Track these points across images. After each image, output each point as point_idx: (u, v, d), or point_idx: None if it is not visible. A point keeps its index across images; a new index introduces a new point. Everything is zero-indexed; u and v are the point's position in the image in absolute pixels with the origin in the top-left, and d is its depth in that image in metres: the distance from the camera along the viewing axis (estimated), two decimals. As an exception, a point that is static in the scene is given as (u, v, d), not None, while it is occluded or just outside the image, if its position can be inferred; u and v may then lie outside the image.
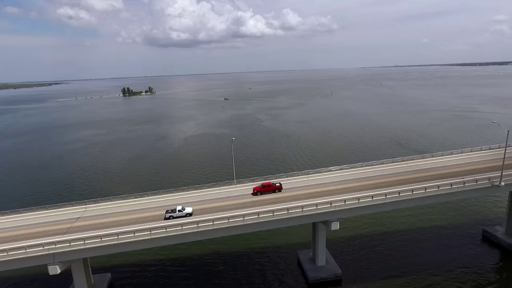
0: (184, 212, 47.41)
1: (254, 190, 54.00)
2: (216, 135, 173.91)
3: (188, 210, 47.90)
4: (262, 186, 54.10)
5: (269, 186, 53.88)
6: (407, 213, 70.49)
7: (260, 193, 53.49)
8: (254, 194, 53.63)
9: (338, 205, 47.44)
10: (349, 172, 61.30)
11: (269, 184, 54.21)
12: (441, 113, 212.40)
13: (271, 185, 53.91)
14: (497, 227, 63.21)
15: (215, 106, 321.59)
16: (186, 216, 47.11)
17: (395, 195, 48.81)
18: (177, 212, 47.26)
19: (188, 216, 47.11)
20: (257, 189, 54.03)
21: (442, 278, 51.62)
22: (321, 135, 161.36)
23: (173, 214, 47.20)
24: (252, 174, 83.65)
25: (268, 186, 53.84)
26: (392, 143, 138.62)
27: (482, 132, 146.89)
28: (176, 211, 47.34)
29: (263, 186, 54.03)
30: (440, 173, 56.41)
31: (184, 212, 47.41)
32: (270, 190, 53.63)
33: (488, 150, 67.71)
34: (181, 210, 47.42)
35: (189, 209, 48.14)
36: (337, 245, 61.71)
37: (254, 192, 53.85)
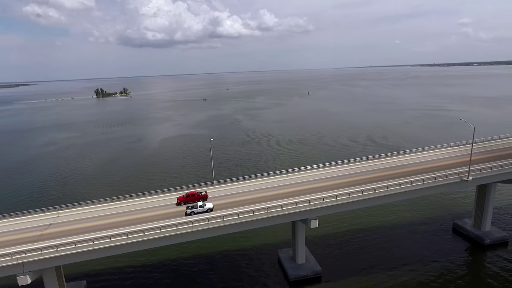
0: (205, 207, 48.01)
1: (178, 200, 51.11)
2: (194, 136, 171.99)
3: (209, 206, 48.52)
4: (186, 195, 51.14)
5: (193, 195, 51.04)
6: (383, 209, 72.59)
7: (183, 203, 50.57)
8: (178, 204, 50.84)
9: (316, 204, 48.11)
10: (327, 170, 62.31)
11: (194, 193, 51.40)
12: (413, 112, 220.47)
13: (196, 194, 51.16)
14: (466, 219, 66.35)
15: (193, 107, 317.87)
16: (207, 211, 47.71)
17: (371, 192, 50.08)
18: (198, 208, 47.77)
19: (209, 212, 47.65)
20: (180, 198, 51.16)
21: (417, 270, 53.55)
22: (299, 135, 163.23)
23: (194, 210, 47.66)
24: (232, 174, 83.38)
25: (192, 196, 50.99)
26: (368, 141, 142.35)
27: (451, 129, 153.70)
28: (198, 206, 47.84)
29: (187, 195, 51.07)
30: (413, 170, 58.46)
31: (205, 207, 48.01)
32: (194, 199, 50.79)
33: (457, 146, 70.89)
34: (202, 206, 48.02)
35: (209, 205, 48.75)
36: (316, 243, 62.63)
37: (177, 202, 50.97)
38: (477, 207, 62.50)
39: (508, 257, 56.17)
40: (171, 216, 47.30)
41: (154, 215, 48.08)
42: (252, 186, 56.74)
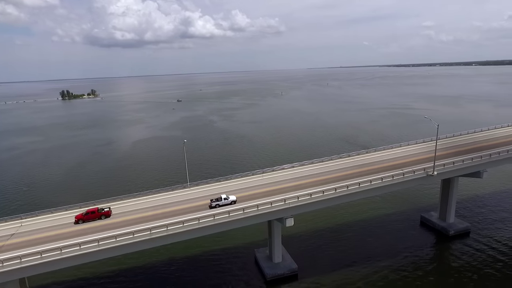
0: (229, 199, 49.28)
1: (76, 219, 46.64)
2: (167, 138, 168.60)
3: (233, 198, 49.86)
4: (86, 213, 46.93)
5: (93, 212, 47.02)
6: (356, 205, 74.53)
7: (82, 221, 46.25)
8: (76, 223, 46.35)
9: (292, 202, 48.71)
10: (301, 169, 63.26)
11: (94, 210, 47.37)
12: (382, 111, 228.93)
13: (96, 212, 47.14)
14: (432, 212, 69.74)
15: (165, 108, 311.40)
16: (231, 203, 48.91)
17: (344, 189, 51.44)
18: (223, 200, 49.01)
19: (233, 204, 48.85)
20: (79, 217, 46.72)
21: (389, 264, 55.54)
22: (273, 134, 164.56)
23: (219, 202, 48.76)
24: (207, 175, 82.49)
25: (92, 213, 46.93)
26: (340, 140, 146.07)
27: (417, 127, 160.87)
28: (222, 199, 49.03)
29: (87, 213, 46.94)
30: (383, 166, 60.65)
31: (229, 199, 49.28)
32: (94, 217, 46.85)
33: (423, 143, 74.37)
34: (226, 198, 49.28)
35: (233, 197, 50.09)
36: (293, 241, 63.35)
37: (75, 221, 46.49)
38: (442, 200, 65.90)
39: (470, 246, 59.65)
40: (147, 220, 46.03)
41: (127, 220, 46.61)
42: (227, 187, 56.47)
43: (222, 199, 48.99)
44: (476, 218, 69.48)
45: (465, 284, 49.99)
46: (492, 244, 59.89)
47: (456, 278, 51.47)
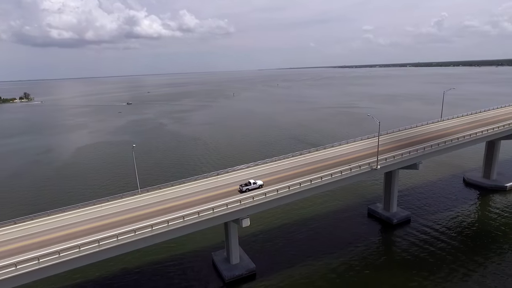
0: (257, 184, 53.13)
1: None
2: (114, 143, 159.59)
3: (260, 182, 53.65)
4: None
5: None
6: (308, 201, 77.29)
7: None
8: None
9: (247, 202, 48.97)
10: (255, 169, 63.84)
11: None
12: (330, 110, 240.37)
13: None
14: (377, 204, 74.84)
15: (111, 112, 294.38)
16: (259, 187, 52.79)
17: (297, 186, 53.02)
18: (252, 184, 52.68)
19: (260, 188, 52.70)
20: None
21: (342, 255, 58.45)
22: (227, 136, 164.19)
23: (249, 187, 52.30)
24: (159, 180, 79.65)
25: None
26: (292, 138, 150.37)
27: (362, 124, 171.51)
28: (251, 183, 52.80)
29: None
30: (332, 163, 63.63)
31: (257, 184, 53.13)
32: None
33: (367, 139, 79.38)
34: (255, 183, 53.20)
35: (260, 182, 53.86)
36: (250, 241, 63.85)
37: None
38: (385, 192, 71.08)
39: (411, 232, 65.17)
40: (94, 232, 43.08)
41: (71, 233, 43.21)
42: (182, 191, 55.05)
43: (251, 184, 52.92)
44: (415, 206, 76.04)
45: (408, 266, 54.41)
46: (429, 229, 66.03)
47: (400, 262, 55.83)
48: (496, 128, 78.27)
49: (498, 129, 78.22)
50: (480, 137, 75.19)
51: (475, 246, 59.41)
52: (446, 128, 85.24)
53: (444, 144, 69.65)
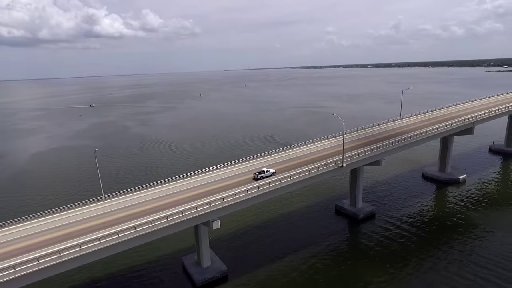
0: (270, 172, 57.70)
1: None
2: (75, 148, 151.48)
3: (272, 171, 58.28)
4: None
5: None
6: (278, 200, 78.20)
7: None
8: None
9: (217, 204, 48.60)
10: (225, 170, 63.57)
11: None
12: (297, 109, 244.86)
13: None
14: (344, 200, 77.38)
15: (70, 115, 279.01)
16: (271, 175, 57.39)
17: (267, 186, 53.48)
18: (265, 172, 57.16)
19: (273, 175, 57.19)
20: None
21: (312, 252, 59.64)
22: (195, 137, 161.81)
23: (263, 175, 56.72)
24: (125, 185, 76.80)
25: None
26: (260, 138, 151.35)
27: (328, 123, 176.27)
28: (264, 171, 57.25)
29: None
30: (301, 161, 64.93)
31: (270, 172, 57.70)
32: None
33: (333, 138, 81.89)
34: (268, 171, 57.77)
35: (272, 170, 58.53)
36: (221, 243, 63.39)
37: None
38: (351, 188, 73.67)
39: (376, 226, 68.08)
40: (56, 242, 40.55)
41: (29, 245, 40.40)
42: (149, 196, 53.52)
43: (264, 172, 57.25)
44: (379, 201, 79.54)
45: (375, 259, 56.77)
46: (393, 222, 69.36)
47: (367, 256, 58.09)
48: (449, 125, 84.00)
49: (451, 126, 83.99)
50: (436, 133, 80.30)
51: (435, 235, 63.29)
52: (405, 125, 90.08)
53: (404, 141, 73.58)
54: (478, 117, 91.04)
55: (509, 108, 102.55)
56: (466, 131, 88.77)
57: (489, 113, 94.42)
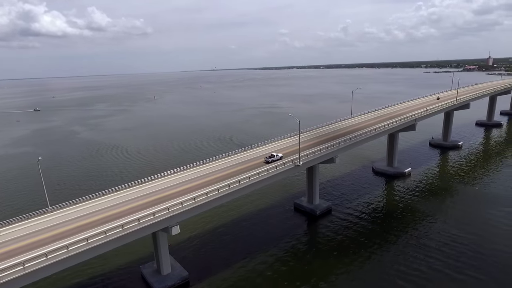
0: (278, 156, 65.21)
1: None
2: (14, 157, 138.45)
3: (280, 155, 65.91)
4: None
5: None
6: (238, 201, 78.20)
7: None
8: None
9: (176, 209, 47.39)
10: (183, 174, 62.23)
11: None
12: (254, 110, 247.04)
13: None
14: (302, 198, 79.64)
15: (6, 120, 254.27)
16: (280, 159, 64.78)
17: (226, 188, 53.30)
18: (275, 156, 64.74)
19: (281, 159, 64.86)
20: None
21: (273, 251, 60.50)
22: (151, 141, 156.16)
23: (273, 158, 64.12)
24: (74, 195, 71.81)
25: None
26: (219, 140, 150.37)
27: (284, 123, 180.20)
28: (274, 156, 64.79)
29: None
30: (259, 162, 65.51)
31: (278, 156, 65.21)
32: None
33: (289, 137, 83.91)
34: (277, 155, 65.37)
35: (280, 154, 66.11)
36: (181, 248, 61.91)
37: None
38: (308, 186, 76.07)
39: (333, 221, 71.04)
40: None
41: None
42: (102, 204, 50.67)
43: (274, 156, 64.55)
44: (335, 197, 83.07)
45: (334, 253, 59.18)
46: (348, 216, 72.87)
47: (325, 249, 60.38)
48: (395, 123, 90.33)
49: (396, 123, 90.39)
50: (383, 130, 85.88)
51: (386, 226, 67.65)
52: (356, 124, 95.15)
53: (355, 138, 77.68)
54: (419, 114, 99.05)
55: (444, 106, 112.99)
56: (409, 127, 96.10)
57: (427, 111, 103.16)
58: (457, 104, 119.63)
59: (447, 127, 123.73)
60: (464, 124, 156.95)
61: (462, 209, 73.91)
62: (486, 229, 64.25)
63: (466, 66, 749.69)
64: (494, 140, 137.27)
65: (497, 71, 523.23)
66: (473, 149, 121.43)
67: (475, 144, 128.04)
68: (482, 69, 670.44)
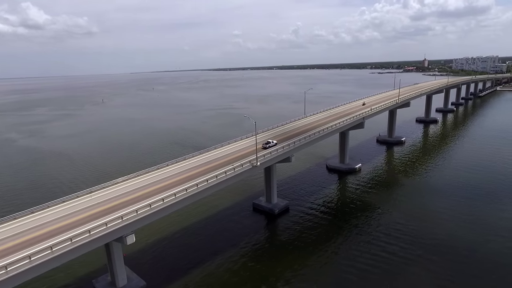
0: (273, 143, 73.66)
1: None
2: None
3: (275, 141, 74.66)
4: None
5: None
6: (197, 205, 76.59)
7: None
8: None
9: (130, 217, 45.26)
10: (137, 180, 59.63)
11: None
12: (209, 112, 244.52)
13: None
14: (261, 198, 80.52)
15: None
16: (275, 145, 72.98)
17: (183, 192, 52.08)
18: (271, 143, 72.92)
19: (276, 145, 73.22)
20: None
21: (234, 253, 60.31)
22: (100, 148, 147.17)
23: (270, 144, 72.40)
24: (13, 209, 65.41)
25: None
26: (174, 144, 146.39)
27: (241, 124, 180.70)
28: (270, 142, 73.17)
29: None
30: (217, 164, 65.08)
31: (273, 143, 73.66)
32: None
33: (246, 138, 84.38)
34: (273, 141, 74.06)
35: (275, 141, 74.77)
36: (138, 257, 59.34)
37: None
38: (266, 186, 77.16)
39: (291, 219, 72.83)
40: None
41: None
42: (47, 217, 46.72)
43: (270, 142, 73.21)
44: (292, 195, 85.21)
45: (293, 250, 60.66)
46: (305, 213, 75.18)
47: (284, 248, 61.67)
48: (345, 121, 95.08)
49: (346, 122, 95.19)
50: (335, 129, 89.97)
51: (341, 221, 70.93)
52: (310, 123, 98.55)
53: (309, 137, 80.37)
54: (367, 113, 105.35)
55: (388, 105, 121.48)
56: (358, 125, 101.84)
57: (371, 110, 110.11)
58: (399, 102, 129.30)
59: (392, 124, 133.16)
60: (406, 121, 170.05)
61: (406, 200, 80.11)
62: (427, 217, 70.27)
63: (406, 67, 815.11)
64: (431, 135, 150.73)
65: (431, 72, 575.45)
66: (414, 143, 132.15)
67: (416, 139, 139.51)
68: (419, 70, 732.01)
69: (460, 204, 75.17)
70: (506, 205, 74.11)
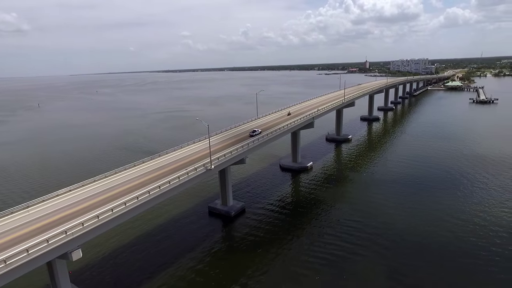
0: (258, 131, 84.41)
1: None
2: None
3: (260, 130, 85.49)
4: None
5: None
6: (150, 212, 73.60)
7: None
8: None
9: (75, 231, 41.94)
10: (82, 190, 55.50)
11: None
12: (159, 115, 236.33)
13: None
14: (216, 201, 79.75)
15: None
16: (259, 133, 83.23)
17: (134, 200, 49.64)
18: (257, 131, 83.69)
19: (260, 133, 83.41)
20: None
21: (190, 259, 58.89)
22: (38, 157, 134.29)
23: (256, 132, 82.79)
24: None
25: None
26: (122, 149, 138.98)
27: (193, 127, 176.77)
28: (256, 131, 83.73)
29: None
30: (170, 169, 63.01)
31: (258, 131, 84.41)
32: None
33: (199, 141, 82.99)
34: (258, 130, 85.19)
35: (260, 130, 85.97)
36: (86, 273, 55.34)
37: None
38: (221, 188, 76.57)
39: (247, 220, 73.25)
40: None
41: None
42: (-26, 239, 41.42)
43: (256, 131, 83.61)
44: (247, 196, 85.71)
45: (250, 250, 60.98)
46: (261, 214, 76.04)
47: (242, 249, 61.82)
48: (296, 121, 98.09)
49: (297, 122, 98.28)
50: (287, 129, 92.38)
51: (296, 218, 72.92)
52: (262, 124, 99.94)
53: (262, 138, 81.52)
54: (316, 113, 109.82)
55: (335, 105, 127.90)
56: (308, 125, 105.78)
57: (318, 111, 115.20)
58: (345, 102, 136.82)
59: (339, 123, 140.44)
60: (351, 120, 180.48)
61: (354, 194, 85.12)
62: (371, 208, 75.30)
63: (350, 69, 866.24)
64: (375, 131, 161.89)
65: (372, 73, 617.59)
66: (359, 140, 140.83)
67: (361, 136, 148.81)
68: (361, 71, 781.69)
69: (400, 195, 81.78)
70: (439, 196, 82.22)
